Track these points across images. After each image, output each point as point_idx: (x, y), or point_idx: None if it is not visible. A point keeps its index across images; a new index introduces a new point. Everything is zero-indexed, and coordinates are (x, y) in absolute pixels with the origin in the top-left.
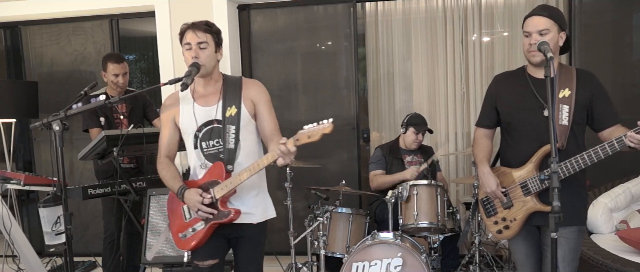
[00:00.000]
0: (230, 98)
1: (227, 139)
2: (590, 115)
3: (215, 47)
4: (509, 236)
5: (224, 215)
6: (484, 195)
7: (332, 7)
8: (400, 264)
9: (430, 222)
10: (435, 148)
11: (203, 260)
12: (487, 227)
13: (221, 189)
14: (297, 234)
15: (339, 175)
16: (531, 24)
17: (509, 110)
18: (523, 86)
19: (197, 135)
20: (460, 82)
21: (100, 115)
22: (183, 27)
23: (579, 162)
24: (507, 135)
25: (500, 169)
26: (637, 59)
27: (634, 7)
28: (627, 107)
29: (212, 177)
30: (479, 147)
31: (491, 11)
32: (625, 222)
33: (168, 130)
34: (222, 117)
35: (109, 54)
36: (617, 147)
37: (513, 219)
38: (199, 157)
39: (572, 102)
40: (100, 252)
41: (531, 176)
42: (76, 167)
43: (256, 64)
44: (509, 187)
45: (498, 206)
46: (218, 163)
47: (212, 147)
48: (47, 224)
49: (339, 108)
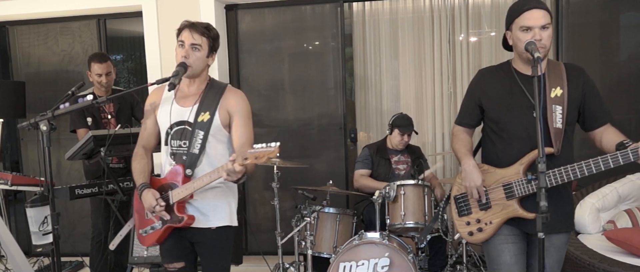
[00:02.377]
0: (208, 104)
1: (193, 143)
2: (582, 114)
3: (209, 51)
4: (480, 240)
5: (177, 220)
6: (459, 191)
7: (320, 7)
8: (388, 264)
9: (417, 222)
10: (422, 148)
11: (170, 262)
12: (456, 226)
13: (178, 193)
14: (284, 234)
15: (326, 175)
16: (532, 18)
17: (497, 109)
18: (511, 83)
19: (168, 132)
20: (448, 82)
21: (88, 116)
22: (183, 24)
23: (576, 172)
24: (493, 134)
25: (483, 166)
26: (625, 59)
27: (621, 7)
28: (615, 107)
29: (172, 179)
30: (460, 141)
31: (478, 11)
32: (612, 222)
33: (150, 121)
34: (193, 121)
35: (93, 54)
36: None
37: (489, 222)
38: (167, 154)
39: (564, 101)
40: (88, 252)
41: (518, 178)
42: (63, 167)
43: (243, 63)
44: (490, 187)
45: (474, 206)
46: (178, 166)
47: (178, 147)
48: (34, 224)
49: (326, 108)
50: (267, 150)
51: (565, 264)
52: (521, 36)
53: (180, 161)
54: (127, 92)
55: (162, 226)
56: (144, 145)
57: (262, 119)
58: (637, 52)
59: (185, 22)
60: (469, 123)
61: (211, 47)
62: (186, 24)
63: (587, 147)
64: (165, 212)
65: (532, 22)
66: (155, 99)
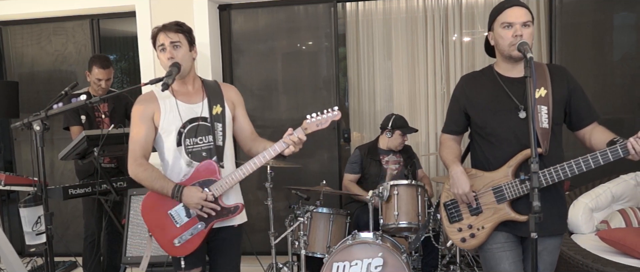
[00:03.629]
0: (214, 97)
1: (216, 136)
2: (568, 114)
3: (189, 46)
4: (473, 246)
5: (229, 211)
6: (448, 198)
7: (313, 7)
8: (381, 264)
9: (411, 222)
10: (415, 148)
11: (189, 268)
12: (448, 233)
13: (221, 187)
14: (277, 234)
15: (320, 175)
16: (513, 14)
17: (483, 114)
18: (495, 87)
19: (181, 131)
20: (441, 82)
21: (82, 114)
22: (154, 31)
23: (566, 171)
24: (481, 139)
25: (471, 171)
26: (618, 59)
27: (614, 7)
28: (608, 108)
29: (204, 175)
30: (447, 149)
31: (472, 11)
32: (606, 222)
33: (144, 128)
34: (209, 115)
35: (97, 57)
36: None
37: (481, 227)
38: (181, 155)
39: (549, 101)
40: (81, 252)
41: (507, 180)
42: (57, 167)
43: (237, 64)
44: (479, 191)
45: (464, 212)
46: (208, 162)
47: (195, 144)
48: (27, 224)
49: (319, 108)
50: (330, 115)
51: (559, 264)
52: (503, 33)
53: (201, 157)
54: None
55: (206, 226)
56: (144, 154)
57: (256, 118)
58: (630, 52)
59: (156, 28)
60: (456, 130)
61: (189, 41)
62: (157, 28)
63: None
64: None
65: (513, 18)
66: (147, 106)
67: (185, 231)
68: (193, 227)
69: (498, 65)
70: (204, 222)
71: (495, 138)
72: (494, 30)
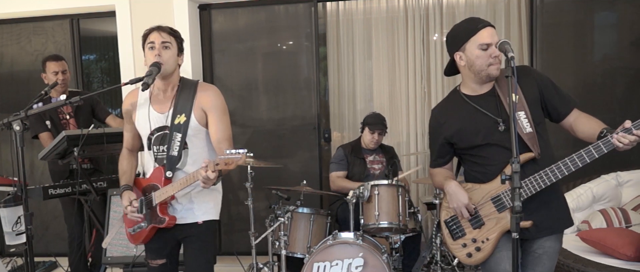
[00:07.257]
0: (182, 105)
1: (172, 146)
2: (545, 109)
3: (178, 50)
4: (480, 259)
5: (160, 221)
6: (448, 215)
7: (293, 6)
8: (362, 264)
9: (391, 223)
10: (396, 148)
11: (153, 259)
12: (453, 251)
13: (160, 195)
14: (258, 234)
15: (300, 175)
16: (488, 35)
17: (466, 138)
18: (468, 109)
19: (150, 138)
20: (421, 82)
21: (46, 119)
22: (147, 30)
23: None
24: (470, 157)
25: (467, 185)
26: (599, 59)
27: (595, 6)
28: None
29: (153, 180)
30: (438, 175)
31: (452, 11)
32: (587, 223)
33: (128, 125)
34: (170, 124)
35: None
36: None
37: (485, 240)
38: (151, 159)
39: (524, 105)
40: (61, 252)
41: (504, 188)
42: (36, 167)
43: (217, 63)
44: (478, 203)
45: (467, 227)
46: (159, 168)
47: (161, 152)
48: (7, 224)
49: (299, 108)
50: (235, 157)
51: None
52: (480, 54)
53: (163, 164)
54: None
55: (147, 225)
56: (128, 147)
57: (236, 118)
58: (611, 52)
59: (149, 28)
60: (444, 162)
61: (179, 48)
62: (151, 28)
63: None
64: (141, 215)
65: (490, 39)
66: (130, 104)
67: (137, 224)
68: (139, 223)
69: (465, 86)
70: (146, 222)
71: (484, 154)
72: (465, 51)
